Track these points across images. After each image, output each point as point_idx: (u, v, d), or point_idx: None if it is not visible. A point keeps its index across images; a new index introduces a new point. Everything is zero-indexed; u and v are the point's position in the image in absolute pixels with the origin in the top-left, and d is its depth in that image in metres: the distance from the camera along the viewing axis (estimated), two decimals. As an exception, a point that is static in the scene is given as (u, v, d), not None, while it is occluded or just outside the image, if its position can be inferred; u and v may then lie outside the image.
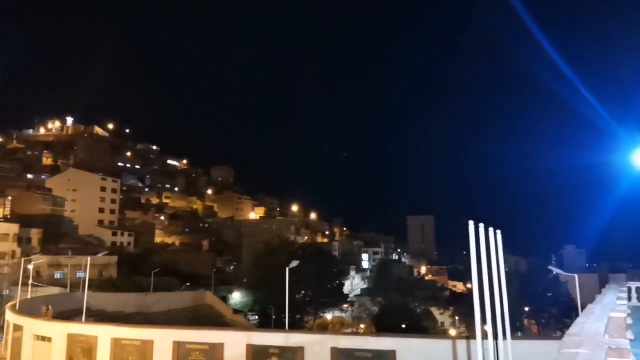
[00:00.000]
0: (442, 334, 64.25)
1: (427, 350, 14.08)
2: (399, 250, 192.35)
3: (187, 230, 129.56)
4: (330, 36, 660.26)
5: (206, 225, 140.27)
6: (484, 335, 8.83)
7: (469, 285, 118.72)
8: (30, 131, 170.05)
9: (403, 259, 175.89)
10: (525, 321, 72.10)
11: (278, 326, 50.64)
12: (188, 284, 67.91)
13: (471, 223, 7.69)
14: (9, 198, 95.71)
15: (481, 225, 7.80)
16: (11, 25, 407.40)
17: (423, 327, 65.81)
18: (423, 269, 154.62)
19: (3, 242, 65.88)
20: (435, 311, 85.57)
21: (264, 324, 58.46)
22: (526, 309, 69.80)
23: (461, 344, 13.54)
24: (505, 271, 9.48)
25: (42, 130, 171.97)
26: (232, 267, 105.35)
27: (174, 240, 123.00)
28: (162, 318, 39.35)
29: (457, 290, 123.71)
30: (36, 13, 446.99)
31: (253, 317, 66.86)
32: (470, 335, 14.45)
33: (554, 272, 73.74)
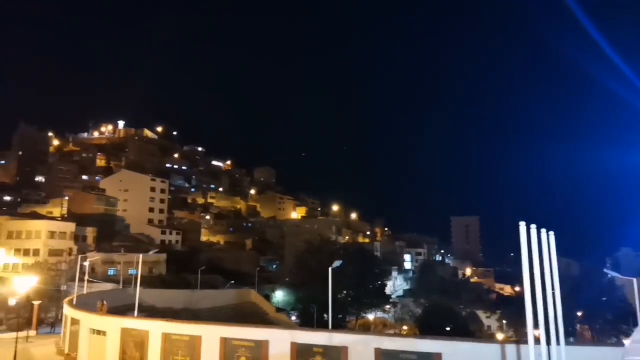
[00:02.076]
0: (489, 337, 62.40)
1: (474, 354, 13.69)
2: (442, 251, 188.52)
3: (231, 229, 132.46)
4: (368, 35, 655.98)
5: (249, 224, 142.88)
6: (536, 340, 8.53)
7: (517, 288, 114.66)
8: (85, 134, 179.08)
9: (447, 261, 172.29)
10: (578, 327, 68.82)
11: (320, 325, 50.81)
12: (233, 281, 69.41)
13: (522, 224, 7.41)
14: (66, 198, 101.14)
15: (533, 227, 7.51)
16: (67, 35, 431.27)
17: (469, 331, 64.10)
18: (468, 271, 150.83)
19: (61, 240, 69.84)
20: (481, 314, 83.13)
21: (306, 323, 58.78)
22: (579, 313, 66.63)
23: (510, 348, 13.09)
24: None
25: (96, 134, 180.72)
26: (274, 265, 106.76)
27: (218, 239, 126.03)
28: (208, 314, 40.46)
29: (505, 293, 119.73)
30: (89, 23, 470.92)
31: (295, 316, 67.42)
32: (519, 339, 13.94)
33: (609, 276, 69.99)
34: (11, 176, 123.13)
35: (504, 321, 78.69)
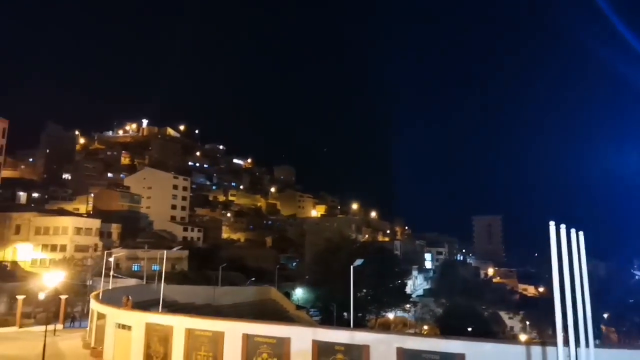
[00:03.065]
0: (511, 339, 61.45)
1: (498, 355, 13.47)
2: (464, 251, 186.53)
3: (251, 227, 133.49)
4: (384, 31, 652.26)
5: (270, 222, 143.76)
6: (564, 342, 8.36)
7: (541, 289, 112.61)
8: (110, 133, 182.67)
9: (468, 260, 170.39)
10: (604, 328, 67.32)
11: (339, 323, 50.85)
12: (253, 279, 69.95)
13: (552, 224, 7.26)
14: (92, 195, 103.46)
15: (563, 227, 7.35)
16: (91, 36, 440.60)
17: (491, 332, 63.30)
18: (490, 271, 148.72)
19: (87, 236, 71.53)
20: (504, 315, 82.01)
21: (326, 321, 58.97)
22: (605, 315, 65.20)
23: (536, 350, 12.84)
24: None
25: (120, 132, 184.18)
26: (294, 263, 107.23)
27: (239, 236, 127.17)
28: (230, 311, 40.84)
29: (528, 294, 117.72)
30: (113, 26, 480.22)
31: (315, 314, 67.59)
32: (544, 341, 13.67)
33: (638, 277, 68.31)
34: (39, 174, 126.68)
35: (527, 322, 77.48)
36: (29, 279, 53.62)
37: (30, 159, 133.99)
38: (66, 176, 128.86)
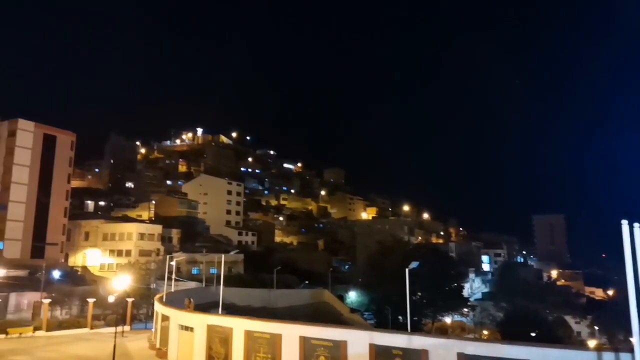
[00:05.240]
0: (579, 345, 58.12)
1: (567, 362, 12.86)
2: (524, 252, 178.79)
3: (303, 230, 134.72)
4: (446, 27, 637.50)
5: (321, 225, 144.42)
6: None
7: (609, 292, 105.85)
8: (168, 142, 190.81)
9: (529, 262, 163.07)
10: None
11: (394, 327, 50.15)
12: (307, 282, 70.53)
13: (625, 223, 6.83)
14: (153, 202, 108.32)
15: (637, 226, 6.88)
16: (148, 53, 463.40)
17: (556, 337, 60.12)
18: (554, 273, 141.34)
19: (150, 242, 75.05)
20: (569, 320, 77.69)
21: (380, 324, 58.36)
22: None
23: (608, 356, 12.09)
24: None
25: (177, 142, 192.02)
26: (347, 266, 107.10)
27: (292, 239, 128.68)
28: (286, 313, 41.42)
29: (596, 297, 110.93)
30: (168, 41, 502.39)
31: (369, 317, 67.07)
32: (617, 347, 12.86)
33: None
34: (104, 183, 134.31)
35: (596, 327, 73.07)
36: (98, 283, 57.05)
37: (96, 169, 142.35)
38: (129, 185, 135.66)
